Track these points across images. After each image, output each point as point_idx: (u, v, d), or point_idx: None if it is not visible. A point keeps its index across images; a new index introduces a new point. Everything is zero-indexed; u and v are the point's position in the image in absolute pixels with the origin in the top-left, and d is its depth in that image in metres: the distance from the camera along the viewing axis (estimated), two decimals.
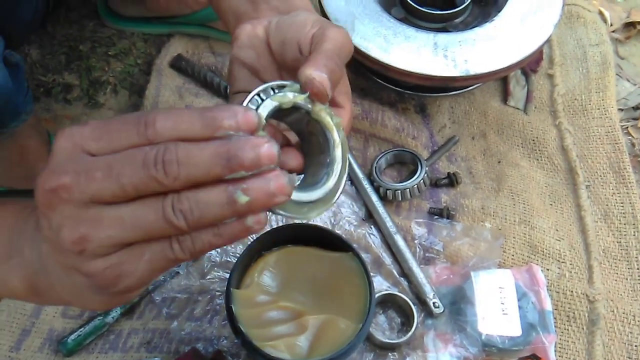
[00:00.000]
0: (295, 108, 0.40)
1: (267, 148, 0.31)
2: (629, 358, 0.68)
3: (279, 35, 0.44)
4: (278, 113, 0.40)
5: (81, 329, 0.67)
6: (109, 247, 0.32)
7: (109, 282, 0.33)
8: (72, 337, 0.67)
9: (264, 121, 0.38)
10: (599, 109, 0.89)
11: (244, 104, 0.38)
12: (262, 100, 0.39)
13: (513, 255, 0.75)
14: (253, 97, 0.38)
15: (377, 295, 0.69)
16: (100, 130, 0.32)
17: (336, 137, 0.41)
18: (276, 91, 0.39)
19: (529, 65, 0.93)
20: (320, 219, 0.78)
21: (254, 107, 0.38)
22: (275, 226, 0.74)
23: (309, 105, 0.40)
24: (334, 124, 0.41)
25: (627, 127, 0.93)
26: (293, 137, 0.45)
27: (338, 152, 0.41)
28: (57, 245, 0.33)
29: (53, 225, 0.32)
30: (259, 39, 0.45)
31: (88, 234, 0.31)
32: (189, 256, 0.33)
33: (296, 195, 0.37)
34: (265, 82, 0.40)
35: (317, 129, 0.41)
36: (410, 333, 0.67)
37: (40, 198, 0.32)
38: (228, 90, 0.89)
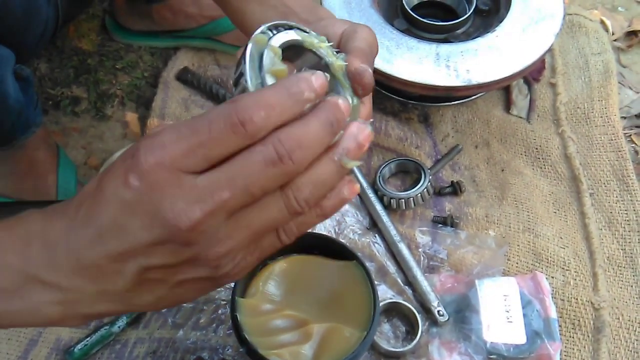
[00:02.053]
0: (313, 54, 0.38)
1: (343, 101, 0.32)
2: None
3: None
4: (290, 51, 0.38)
5: (88, 339, 0.68)
6: (241, 252, 0.33)
7: (229, 277, 0.34)
8: (79, 346, 0.67)
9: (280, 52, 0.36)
10: (601, 117, 0.89)
11: (255, 34, 0.36)
12: (273, 34, 0.36)
13: (517, 263, 0.75)
14: (264, 30, 0.36)
15: (381, 304, 0.69)
16: (190, 144, 0.30)
17: (349, 98, 0.39)
18: (287, 30, 0.37)
19: (532, 74, 0.94)
20: (325, 228, 0.78)
21: (267, 38, 0.36)
22: None
23: (330, 59, 0.39)
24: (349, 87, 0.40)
25: (630, 135, 0.93)
26: None
27: (354, 115, 0.40)
28: (185, 267, 0.33)
29: (187, 255, 0.32)
30: None
31: (226, 251, 0.32)
32: (292, 240, 0.35)
33: None
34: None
35: (331, 87, 0.39)
36: (414, 341, 0.68)
37: (179, 238, 0.31)
38: None
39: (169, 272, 0.33)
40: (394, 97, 0.87)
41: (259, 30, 0.36)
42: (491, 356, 0.66)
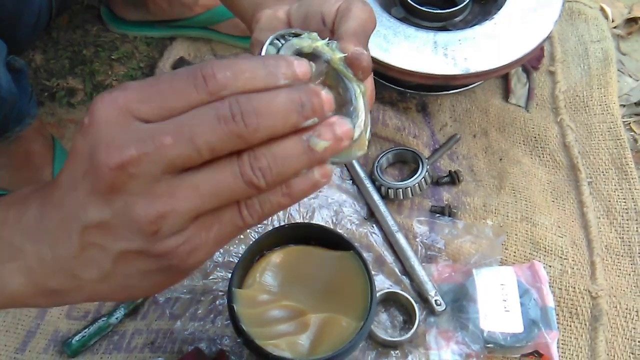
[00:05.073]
0: (314, 56, 0.39)
1: (326, 94, 0.30)
2: (632, 354, 0.67)
3: (301, 11, 0.44)
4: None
5: (85, 330, 0.68)
6: (184, 221, 0.29)
7: (180, 259, 0.31)
8: (77, 338, 0.67)
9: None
10: (600, 105, 0.89)
11: (264, 48, 0.36)
12: (281, 45, 0.37)
13: (515, 253, 0.75)
14: (272, 40, 0.37)
15: (379, 294, 0.69)
16: (149, 92, 0.29)
17: (356, 87, 0.39)
18: (292, 37, 0.38)
19: (530, 63, 0.93)
20: (322, 218, 0.78)
21: (275, 51, 0.36)
22: (277, 226, 0.74)
23: (328, 55, 0.39)
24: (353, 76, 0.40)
25: (629, 123, 0.93)
26: None
27: (361, 102, 0.39)
28: (122, 229, 0.30)
29: (119, 207, 0.29)
30: (280, 21, 0.45)
31: (165, 210, 0.28)
32: (257, 221, 0.31)
33: None
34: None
35: (336, 80, 0.40)
36: (412, 331, 0.68)
37: (103, 178, 0.28)
38: None
39: (105, 235, 0.30)
40: (391, 86, 0.87)
41: (265, 49, 0.36)
42: (488, 345, 0.67)
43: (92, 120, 0.29)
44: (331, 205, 0.79)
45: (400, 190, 0.78)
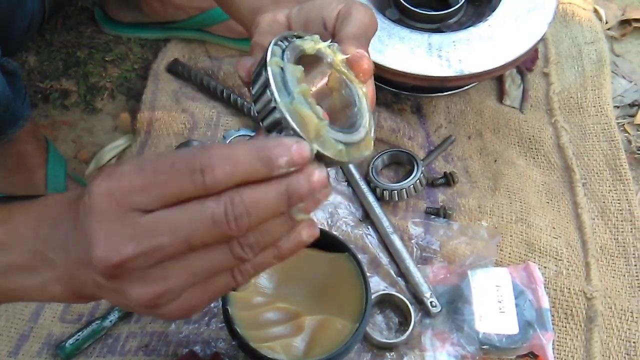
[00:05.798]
0: (316, 58, 0.39)
1: (319, 174, 0.31)
2: (627, 354, 0.68)
3: (302, 15, 0.44)
4: (299, 63, 0.38)
5: (79, 333, 0.67)
6: (180, 293, 0.32)
7: (181, 314, 0.34)
8: (70, 341, 0.67)
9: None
10: (594, 106, 0.89)
11: (269, 50, 0.36)
12: (285, 47, 0.37)
13: (510, 254, 0.75)
14: (276, 42, 0.37)
15: (374, 296, 0.69)
16: (146, 182, 0.30)
17: (359, 89, 0.40)
18: (295, 39, 0.38)
19: (525, 64, 0.93)
20: (317, 220, 0.78)
21: (279, 54, 0.37)
22: None
23: (330, 57, 0.39)
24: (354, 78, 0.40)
25: (623, 124, 0.93)
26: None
27: (364, 103, 0.40)
28: (124, 300, 0.33)
29: (119, 289, 0.32)
30: (280, 25, 0.45)
31: (160, 291, 0.31)
32: (249, 279, 0.34)
33: (343, 137, 0.36)
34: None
35: (339, 82, 0.40)
36: (407, 332, 0.68)
37: (101, 272, 0.31)
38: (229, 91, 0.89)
39: (113, 294, 0.33)
40: (386, 88, 0.87)
41: (270, 51, 0.36)
42: (484, 346, 0.66)
43: (91, 207, 0.31)
44: (326, 207, 0.79)
45: (396, 191, 0.78)
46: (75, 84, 0.95)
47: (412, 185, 0.79)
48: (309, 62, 0.40)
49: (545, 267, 0.74)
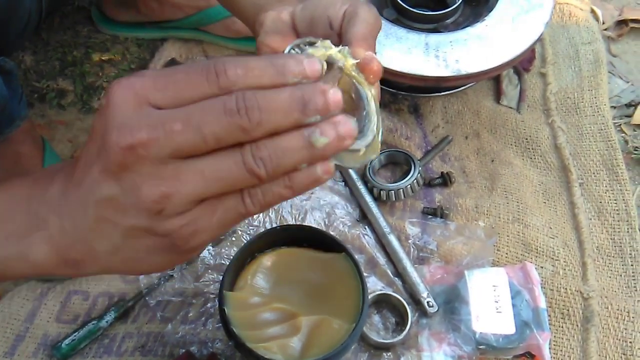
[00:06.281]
0: (328, 63, 0.39)
1: (334, 93, 0.31)
2: (624, 354, 0.68)
3: (306, 14, 0.44)
4: None
5: (75, 334, 0.67)
6: (188, 203, 0.31)
7: (183, 240, 0.33)
8: (66, 341, 0.67)
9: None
10: (591, 106, 0.89)
11: None
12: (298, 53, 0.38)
13: (507, 254, 0.75)
14: (289, 50, 0.38)
15: (371, 296, 0.69)
16: (165, 81, 0.31)
17: (368, 92, 0.41)
18: (307, 47, 0.39)
19: (522, 64, 0.93)
20: (314, 220, 0.78)
21: None
22: (268, 227, 0.74)
23: (341, 62, 0.40)
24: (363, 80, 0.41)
25: (620, 125, 0.93)
26: None
27: (373, 106, 0.40)
28: (129, 206, 0.32)
29: (127, 185, 0.31)
30: (285, 23, 0.45)
31: (170, 191, 0.31)
32: (259, 209, 0.33)
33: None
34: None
35: (349, 85, 0.41)
36: (404, 332, 0.67)
37: (113, 157, 0.30)
38: None
39: (115, 211, 0.32)
40: (383, 87, 0.87)
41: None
42: (480, 346, 0.66)
43: (108, 102, 0.31)
44: (323, 207, 0.79)
45: (393, 191, 0.78)
46: (71, 84, 0.95)
47: (409, 185, 0.79)
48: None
49: (542, 267, 0.74)
